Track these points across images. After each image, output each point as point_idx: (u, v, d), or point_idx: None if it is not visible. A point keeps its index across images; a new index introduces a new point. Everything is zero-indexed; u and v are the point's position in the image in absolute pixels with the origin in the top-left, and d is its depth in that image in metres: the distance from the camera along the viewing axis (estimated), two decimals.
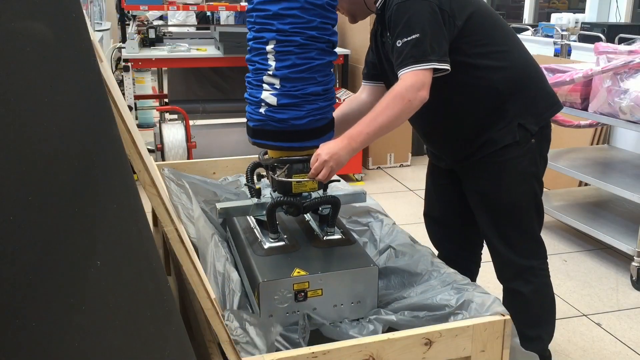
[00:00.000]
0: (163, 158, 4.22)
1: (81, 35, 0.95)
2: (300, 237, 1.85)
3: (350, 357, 1.42)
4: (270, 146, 1.81)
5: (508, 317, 1.54)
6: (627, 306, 2.91)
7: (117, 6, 5.97)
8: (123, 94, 4.29)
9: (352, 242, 1.81)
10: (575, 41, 4.61)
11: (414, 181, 4.74)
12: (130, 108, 4.38)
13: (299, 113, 1.73)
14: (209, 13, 7.41)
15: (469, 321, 1.53)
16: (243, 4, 5.06)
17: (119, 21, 5.61)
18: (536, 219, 2.02)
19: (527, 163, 1.94)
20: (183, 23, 7.75)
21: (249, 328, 1.45)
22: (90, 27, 1.20)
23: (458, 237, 2.27)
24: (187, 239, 1.51)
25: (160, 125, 4.34)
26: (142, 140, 1.78)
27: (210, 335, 1.51)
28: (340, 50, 4.88)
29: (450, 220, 2.25)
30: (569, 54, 4.46)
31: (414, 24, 1.72)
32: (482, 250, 2.29)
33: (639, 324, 2.75)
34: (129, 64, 4.39)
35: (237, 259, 1.85)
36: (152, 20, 6.39)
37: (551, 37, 4.68)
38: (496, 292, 1.78)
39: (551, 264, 2.12)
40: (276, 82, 1.72)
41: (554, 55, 4.47)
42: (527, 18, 6.48)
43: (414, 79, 1.70)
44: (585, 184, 3.98)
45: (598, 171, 3.45)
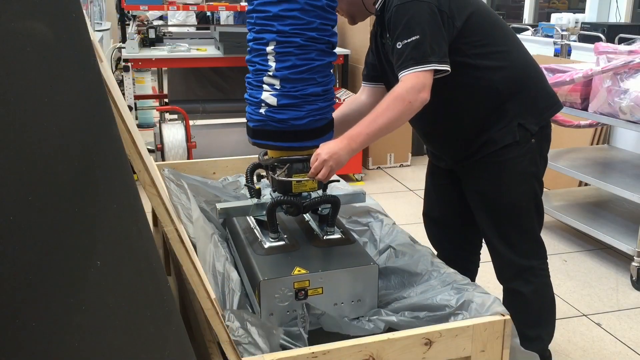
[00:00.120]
0: (163, 158, 4.22)
1: (81, 35, 0.95)
2: (300, 236, 1.85)
3: (350, 357, 1.42)
4: (270, 146, 1.81)
5: (508, 317, 1.54)
6: (627, 306, 2.91)
7: (117, 6, 5.98)
8: (123, 94, 4.29)
9: (352, 241, 1.81)
10: (575, 41, 4.61)
11: (414, 181, 4.74)
12: (130, 108, 4.38)
13: (298, 113, 1.74)
14: (209, 13, 7.42)
15: (469, 321, 1.52)
16: (243, 4, 5.06)
17: (119, 21, 5.61)
18: (536, 219, 2.02)
19: (527, 163, 1.95)
20: (183, 23, 7.74)
21: (251, 329, 1.45)
22: (90, 27, 1.20)
23: (457, 237, 2.27)
24: (187, 239, 1.51)
25: (160, 125, 4.34)
26: (142, 140, 1.78)
27: (210, 335, 1.51)
28: (340, 51, 4.88)
29: (450, 221, 2.25)
30: (569, 54, 4.46)
31: (414, 25, 1.72)
32: (482, 250, 2.29)
33: (639, 324, 2.75)
34: (129, 64, 4.39)
35: (237, 259, 1.85)
36: (152, 20, 6.39)
37: (551, 37, 4.68)
38: (496, 292, 1.78)
39: (551, 264, 2.12)
40: (276, 82, 1.72)
41: (554, 55, 4.47)
42: (527, 18, 6.48)
43: (415, 80, 1.71)
44: (585, 184, 3.98)
45: (598, 171, 3.45)
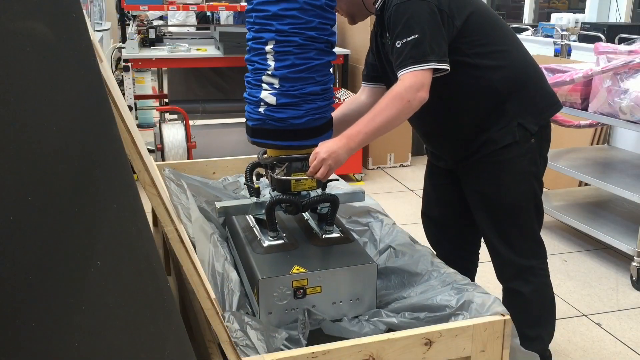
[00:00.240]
0: (163, 158, 4.22)
1: (81, 35, 0.95)
2: (299, 235, 1.85)
3: (350, 357, 1.42)
4: (269, 145, 1.81)
5: (508, 317, 1.54)
6: (627, 306, 2.91)
7: (117, 6, 5.97)
8: (123, 94, 4.29)
9: (351, 240, 1.81)
10: (575, 41, 4.61)
11: (414, 181, 4.74)
12: (130, 108, 4.38)
13: (297, 112, 1.74)
14: (209, 13, 7.41)
15: (469, 321, 1.52)
16: (243, 4, 5.06)
17: (119, 21, 5.61)
18: (536, 218, 2.02)
19: (527, 163, 1.94)
20: (183, 23, 7.74)
21: (250, 332, 1.44)
22: (90, 27, 1.20)
23: (456, 237, 2.27)
24: (187, 239, 1.51)
25: (160, 125, 4.33)
26: (142, 140, 1.78)
27: (210, 335, 1.51)
28: (340, 50, 4.88)
29: (449, 220, 2.25)
30: (569, 54, 4.46)
31: (413, 24, 1.72)
32: (481, 250, 2.29)
33: (639, 324, 2.75)
34: (129, 64, 4.39)
35: (237, 258, 1.85)
36: (152, 20, 6.38)
37: (551, 37, 4.68)
38: (496, 292, 1.78)
39: (551, 264, 2.12)
40: (275, 81, 1.72)
41: (554, 55, 4.46)
42: (527, 18, 6.48)
43: (414, 79, 1.71)
44: (585, 184, 3.98)
45: (598, 171, 3.45)
